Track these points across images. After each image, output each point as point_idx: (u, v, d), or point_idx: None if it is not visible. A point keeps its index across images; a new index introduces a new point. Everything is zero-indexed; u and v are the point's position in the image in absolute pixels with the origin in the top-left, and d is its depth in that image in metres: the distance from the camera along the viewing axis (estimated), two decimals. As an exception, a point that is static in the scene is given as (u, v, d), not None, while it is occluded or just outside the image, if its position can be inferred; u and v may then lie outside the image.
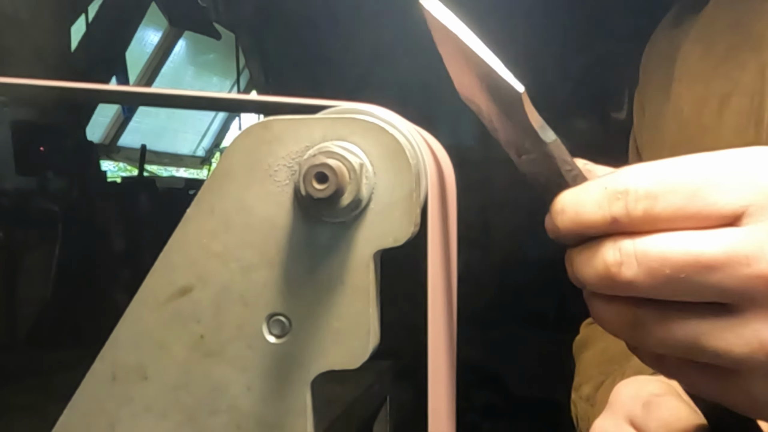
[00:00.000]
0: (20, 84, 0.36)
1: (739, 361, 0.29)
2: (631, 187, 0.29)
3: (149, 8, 3.05)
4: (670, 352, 0.30)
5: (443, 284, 0.34)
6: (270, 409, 0.31)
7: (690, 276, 0.28)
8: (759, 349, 0.28)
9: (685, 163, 0.30)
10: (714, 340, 0.29)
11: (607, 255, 0.30)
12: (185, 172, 5.61)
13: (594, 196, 0.30)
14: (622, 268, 0.29)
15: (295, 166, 0.30)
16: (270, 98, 0.34)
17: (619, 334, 0.32)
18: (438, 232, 0.33)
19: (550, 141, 0.32)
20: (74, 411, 0.32)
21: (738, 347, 0.28)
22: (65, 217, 2.11)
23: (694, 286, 0.28)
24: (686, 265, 0.28)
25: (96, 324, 0.59)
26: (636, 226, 0.29)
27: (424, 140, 0.35)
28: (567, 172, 0.32)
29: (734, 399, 0.31)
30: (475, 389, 2.48)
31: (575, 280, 0.32)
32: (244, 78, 4.22)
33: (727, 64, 0.64)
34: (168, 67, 4.08)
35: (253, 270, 0.31)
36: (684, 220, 0.29)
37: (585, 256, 0.31)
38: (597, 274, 0.30)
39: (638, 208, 0.29)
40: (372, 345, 0.30)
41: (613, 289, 0.30)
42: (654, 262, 0.29)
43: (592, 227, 0.30)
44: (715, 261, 0.28)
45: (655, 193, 0.29)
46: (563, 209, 0.31)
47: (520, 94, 0.30)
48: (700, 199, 0.29)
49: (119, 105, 3.49)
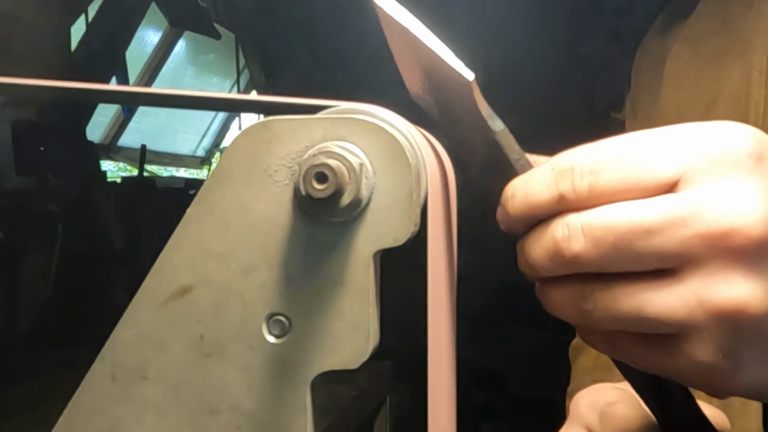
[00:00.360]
0: (20, 84, 0.36)
1: (680, 325, 0.30)
2: (576, 165, 0.31)
3: (149, 8, 3.06)
4: (616, 325, 0.31)
5: (443, 284, 0.34)
6: (270, 409, 0.31)
7: (632, 242, 0.29)
8: (697, 307, 0.29)
9: (625, 139, 0.31)
10: (655, 305, 0.30)
11: (556, 231, 0.31)
12: (185, 172, 5.61)
13: (542, 178, 0.32)
14: (570, 242, 0.30)
15: (295, 166, 0.30)
16: (270, 98, 0.34)
17: (568, 314, 0.33)
18: (438, 231, 0.33)
19: (499, 130, 0.33)
20: (74, 411, 0.32)
21: (678, 309, 0.30)
22: (65, 217, 2.11)
23: (636, 252, 0.30)
24: (628, 232, 0.29)
25: (96, 324, 0.59)
26: (582, 202, 0.31)
27: (425, 139, 0.35)
28: (515, 161, 0.33)
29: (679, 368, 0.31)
30: (475, 389, 2.48)
31: (526, 267, 0.33)
32: (244, 78, 4.23)
33: (713, 67, 0.65)
34: (168, 67, 4.09)
35: (253, 270, 0.31)
36: (626, 191, 0.30)
37: (535, 237, 0.32)
38: (546, 251, 0.31)
39: (583, 183, 0.30)
40: (372, 345, 0.30)
41: (562, 266, 0.31)
42: (599, 232, 0.30)
43: (541, 207, 0.32)
44: (654, 225, 0.29)
45: (598, 168, 0.30)
46: (513, 194, 0.33)
47: (470, 82, 0.31)
48: (639, 169, 0.30)
49: (119, 105, 3.49)
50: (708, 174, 0.30)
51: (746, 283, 0.29)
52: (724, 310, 0.29)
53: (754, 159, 0.30)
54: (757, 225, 0.29)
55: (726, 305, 0.29)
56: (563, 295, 0.32)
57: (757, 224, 0.29)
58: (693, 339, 0.30)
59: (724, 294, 0.29)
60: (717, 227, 0.29)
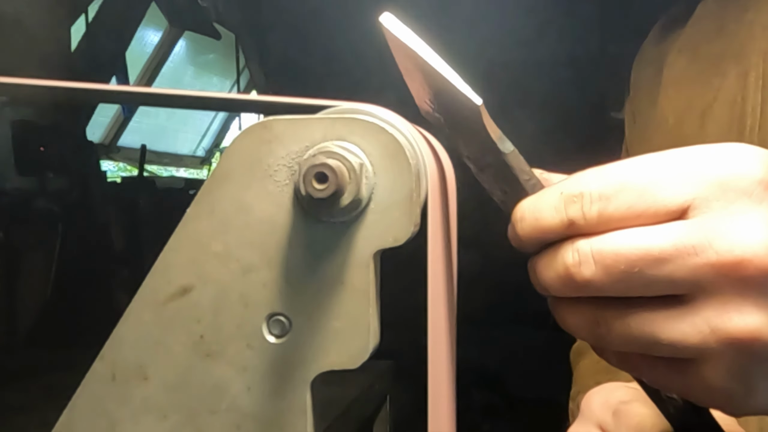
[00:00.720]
0: (20, 84, 0.36)
1: (693, 350, 0.30)
2: (585, 191, 0.31)
3: (149, 8, 3.06)
4: (630, 348, 0.32)
5: (443, 284, 0.34)
6: (270, 409, 0.31)
7: (643, 269, 0.30)
8: (710, 335, 0.29)
9: (634, 164, 0.31)
10: (669, 332, 0.30)
11: (566, 257, 0.31)
12: (185, 172, 5.61)
13: (551, 202, 0.32)
14: (581, 267, 0.30)
15: (295, 166, 0.30)
16: (270, 98, 0.34)
17: (583, 335, 0.33)
18: (438, 231, 0.33)
19: (509, 152, 0.33)
20: (74, 411, 0.32)
21: (691, 336, 0.30)
22: (65, 217, 2.11)
23: (647, 280, 0.30)
24: (638, 259, 0.30)
25: (96, 324, 0.59)
26: (592, 228, 0.31)
27: (425, 138, 0.35)
28: (525, 181, 0.34)
29: (693, 389, 0.32)
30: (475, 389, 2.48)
31: (539, 287, 0.34)
32: (244, 78, 4.23)
33: (709, 72, 0.65)
34: (168, 67, 4.08)
35: (253, 270, 0.31)
36: (636, 217, 0.30)
37: (546, 261, 0.32)
38: (558, 276, 0.32)
39: (593, 209, 0.31)
40: (372, 345, 0.30)
41: (574, 290, 0.31)
42: (609, 259, 0.30)
43: (550, 232, 0.32)
44: (664, 253, 0.29)
45: (608, 194, 0.31)
46: (523, 217, 0.33)
47: (479, 106, 0.31)
48: (648, 196, 0.30)
49: (119, 105, 3.49)
50: (718, 201, 0.30)
51: (759, 312, 0.29)
52: (736, 338, 0.29)
53: (764, 186, 0.30)
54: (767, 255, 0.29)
55: (739, 334, 0.29)
56: (577, 317, 0.32)
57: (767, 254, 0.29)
58: (706, 364, 0.30)
59: (737, 323, 0.29)
60: (728, 257, 0.29)
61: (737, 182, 0.30)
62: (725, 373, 0.30)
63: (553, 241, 0.32)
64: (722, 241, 0.29)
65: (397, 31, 0.32)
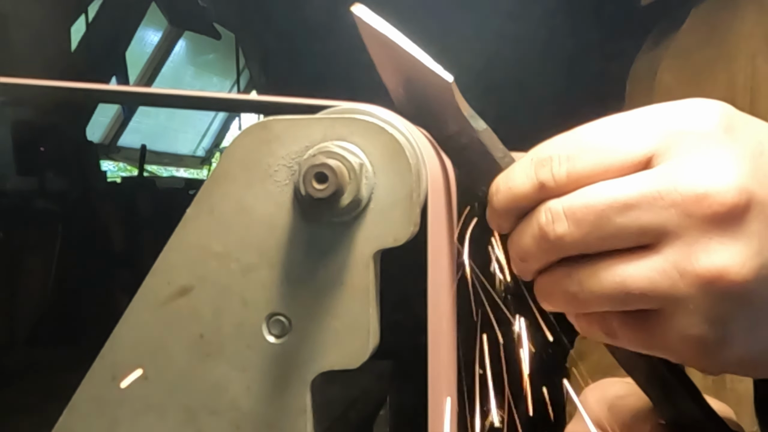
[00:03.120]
0: (20, 84, 0.36)
1: (664, 297, 0.30)
2: (553, 153, 0.32)
3: (149, 8, 3.06)
4: (603, 304, 0.32)
5: (443, 284, 0.34)
6: (270, 409, 0.31)
7: (611, 218, 0.31)
8: (679, 278, 0.30)
9: (599, 123, 0.33)
10: (638, 279, 0.31)
11: (540, 217, 0.32)
12: (185, 172, 5.61)
13: (522, 170, 0.33)
14: (554, 225, 0.32)
15: (295, 166, 0.30)
16: (270, 98, 0.34)
17: (558, 300, 0.33)
18: (438, 231, 0.33)
19: (482, 129, 0.34)
20: (74, 411, 0.32)
21: (660, 281, 0.30)
22: (65, 217, 2.11)
23: (616, 227, 0.31)
24: (606, 208, 0.31)
25: (96, 324, 0.59)
26: (562, 188, 0.32)
27: (426, 138, 0.35)
28: (500, 159, 0.35)
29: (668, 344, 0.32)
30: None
31: (517, 262, 0.34)
32: (244, 78, 4.22)
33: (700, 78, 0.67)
34: (168, 67, 4.08)
35: (253, 270, 0.31)
36: (603, 173, 0.31)
37: (522, 228, 0.33)
38: (533, 237, 0.32)
39: (561, 170, 0.32)
40: (372, 345, 0.30)
41: (548, 251, 0.32)
42: (579, 212, 0.31)
43: (524, 198, 0.33)
44: (631, 200, 0.30)
45: (575, 154, 0.32)
46: (497, 189, 0.34)
47: (450, 83, 0.32)
48: (613, 151, 0.31)
49: (119, 105, 3.49)
50: (679, 148, 0.31)
51: (724, 249, 0.30)
52: (704, 277, 0.30)
53: (722, 129, 0.31)
54: (729, 191, 0.29)
55: (706, 273, 0.29)
56: (551, 281, 0.33)
57: (729, 190, 0.29)
58: (679, 312, 0.31)
59: (704, 262, 0.30)
60: (690, 195, 0.30)
61: (696, 128, 0.31)
62: (697, 317, 0.30)
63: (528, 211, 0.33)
64: (685, 182, 0.30)
65: (369, 20, 0.33)
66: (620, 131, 0.32)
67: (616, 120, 0.32)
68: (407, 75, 0.34)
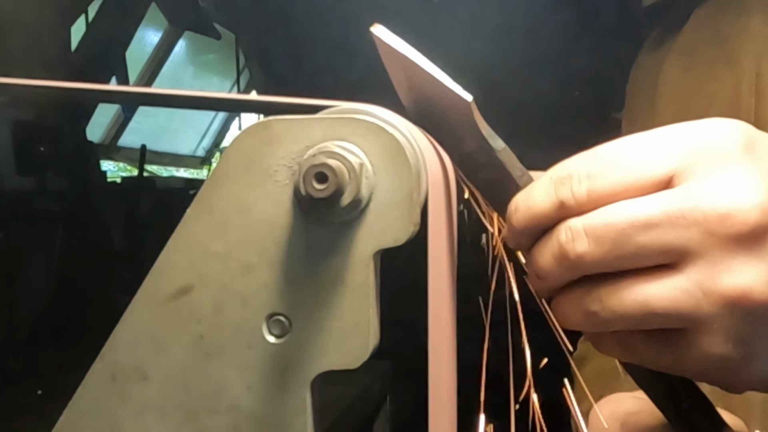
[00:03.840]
0: (20, 84, 0.36)
1: (687, 317, 0.30)
2: (573, 172, 0.32)
3: (149, 8, 3.05)
4: (625, 323, 0.32)
5: (443, 284, 0.34)
6: (270, 409, 0.31)
7: (632, 236, 0.30)
8: (702, 297, 0.30)
9: (620, 142, 0.32)
10: (661, 299, 0.30)
11: (560, 236, 0.32)
12: (185, 172, 5.61)
13: (542, 188, 0.33)
14: (575, 243, 0.31)
15: (295, 166, 0.30)
16: (270, 98, 0.34)
17: (579, 320, 0.33)
18: (438, 231, 0.33)
19: (500, 148, 0.34)
20: (74, 411, 0.32)
21: (684, 301, 0.30)
22: (65, 217, 2.11)
23: (637, 247, 0.30)
24: (628, 227, 0.30)
25: (96, 324, 0.59)
26: (582, 206, 0.32)
27: (426, 138, 0.35)
28: (518, 177, 0.35)
29: (690, 363, 0.32)
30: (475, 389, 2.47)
31: (535, 280, 0.34)
32: (244, 78, 4.22)
33: (704, 79, 0.67)
34: (168, 67, 4.08)
35: (253, 270, 0.31)
36: (624, 191, 0.31)
37: (541, 246, 0.33)
38: (553, 256, 0.32)
39: (582, 188, 0.32)
40: (372, 345, 0.30)
41: (568, 269, 0.32)
42: (600, 231, 0.31)
43: (543, 216, 0.33)
44: (652, 219, 0.30)
45: (595, 172, 0.32)
46: (516, 208, 0.34)
47: (469, 103, 0.32)
48: (634, 169, 0.31)
49: (119, 105, 3.49)
50: (701, 167, 0.30)
51: (748, 269, 0.29)
52: (728, 297, 0.29)
53: (743, 148, 0.31)
54: (752, 210, 0.29)
55: (730, 292, 0.29)
56: (571, 300, 0.33)
57: (752, 210, 0.29)
58: (702, 331, 0.30)
59: (727, 281, 0.29)
60: (713, 214, 0.29)
61: (717, 147, 0.31)
62: (721, 337, 0.30)
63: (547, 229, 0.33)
64: (707, 200, 0.30)
65: (388, 39, 0.33)
66: (641, 150, 0.32)
67: (637, 139, 0.32)
68: (425, 94, 0.35)
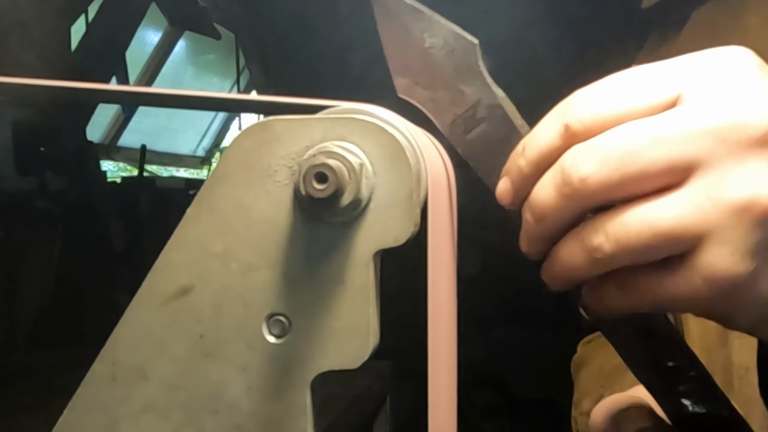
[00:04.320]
0: (20, 84, 0.36)
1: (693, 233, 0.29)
2: (578, 96, 0.32)
3: (149, 8, 3.05)
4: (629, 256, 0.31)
5: (443, 284, 0.34)
6: (270, 409, 0.31)
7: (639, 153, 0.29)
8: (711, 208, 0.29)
9: (626, 71, 0.32)
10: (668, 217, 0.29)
11: (564, 161, 0.31)
12: (185, 172, 5.62)
13: (547, 122, 0.32)
14: (579, 166, 0.30)
15: (295, 166, 0.30)
16: (270, 98, 0.34)
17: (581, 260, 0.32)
18: (438, 231, 0.33)
19: (502, 96, 0.35)
20: (74, 411, 0.32)
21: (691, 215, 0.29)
22: (65, 217, 2.11)
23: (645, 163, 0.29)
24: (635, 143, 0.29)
25: (96, 324, 0.59)
26: (589, 130, 0.31)
27: (426, 138, 0.35)
28: (520, 126, 0.35)
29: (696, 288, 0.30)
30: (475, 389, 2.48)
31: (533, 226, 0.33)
32: (244, 78, 4.22)
33: None
34: (168, 67, 4.09)
35: (253, 270, 0.31)
36: (631, 113, 0.30)
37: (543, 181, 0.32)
38: (555, 186, 0.31)
39: (586, 111, 0.31)
40: (372, 345, 0.30)
41: (572, 198, 0.31)
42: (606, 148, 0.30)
43: (550, 146, 0.32)
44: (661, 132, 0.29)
45: (600, 95, 0.31)
46: (524, 147, 0.33)
47: (475, 45, 0.33)
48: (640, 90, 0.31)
49: (119, 105, 3.49)
50: (710, 83, 0.30)
51: (758, 176, 0.28)
52: (737, 204, 0.28)
53: (756, 67, 0.30)
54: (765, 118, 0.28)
55: (739, 199, 0.28)
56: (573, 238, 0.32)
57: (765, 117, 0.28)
58: (709, 245, 0.29)
59: (737, 188, 0.28)
60: (725, 123, 0.29)
61: (728, 66, 0.30)
62: (727, 248, 0.29)
63: None
64: (719, 111, 0.29)
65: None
66: (648, 74, 0.31)
67: (644, 66, 0.32)
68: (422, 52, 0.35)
